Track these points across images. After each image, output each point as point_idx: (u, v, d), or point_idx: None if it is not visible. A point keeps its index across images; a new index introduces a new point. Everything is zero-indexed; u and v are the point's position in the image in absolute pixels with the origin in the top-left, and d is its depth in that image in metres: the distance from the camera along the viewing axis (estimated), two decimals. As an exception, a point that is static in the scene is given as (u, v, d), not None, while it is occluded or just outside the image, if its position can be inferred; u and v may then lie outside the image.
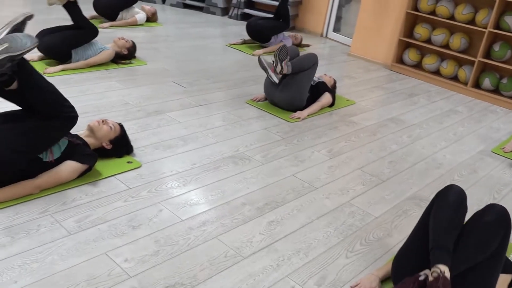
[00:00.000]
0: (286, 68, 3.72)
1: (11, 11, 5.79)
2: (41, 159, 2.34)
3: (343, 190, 2.86)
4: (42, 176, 2.34)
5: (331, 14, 7.00)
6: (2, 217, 2.14)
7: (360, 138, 3.69)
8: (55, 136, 2.36)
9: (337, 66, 5.70)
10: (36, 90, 2.21)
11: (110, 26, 5.74)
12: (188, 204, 2.48)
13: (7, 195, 2.23)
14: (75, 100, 3.53)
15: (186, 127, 3.39)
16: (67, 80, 3.90)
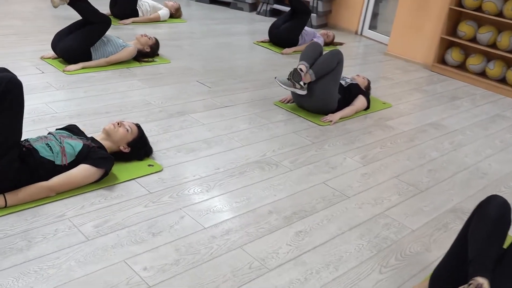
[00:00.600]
0: (308, 78, 3.71)
1: (34, 6, 5.96)
2: (53, 162, 2.40)
3: (377, 200, 2.84)
4: (56, 179, 2.39)
5: (367, 10, 6.96)
6: (20, 220, 2.21)
7: (396, 144, 3.65)
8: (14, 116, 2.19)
9: (372, 66, 5.66)
10: None
11: (132, 22, 5.85)
12: (211, 211, 2.50)
13: (22, 197, 2.29)
14: (96, 99, 3.61)
15: (210, 129, 3.43)
16: (88, 78, 3.99)
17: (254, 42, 5.89)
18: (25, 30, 4.97)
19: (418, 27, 5.91)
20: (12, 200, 2.25)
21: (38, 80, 3.80)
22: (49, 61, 4.21)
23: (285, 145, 3.36)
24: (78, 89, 3.76)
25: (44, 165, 2.36)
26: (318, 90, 3.78)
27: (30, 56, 4.28)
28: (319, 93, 3.79)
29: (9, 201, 2.25)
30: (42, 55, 4.29)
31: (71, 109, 3.41)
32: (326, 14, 7.23)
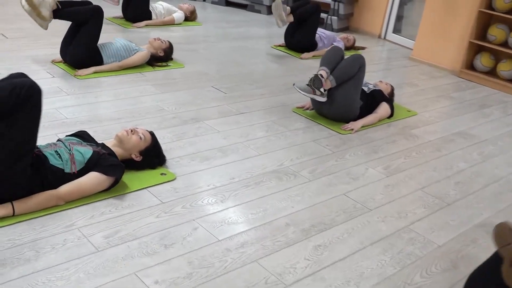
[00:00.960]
0: (329, 84, 3.70)
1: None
2: (62, 170, 2.42)
3: (401, 213, 2.81)
4: (65, 187, 2.41)
5: (391, 13, 6.94)
6: (28, 230, 2.23)
7: (422, 154, 3.62)
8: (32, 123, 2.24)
9: (396, 72, 5.63)
10: None
11: (146, 26, 5.91)
12: (225, 223, 2.50)
13: (30, 206, 2.31)
14: (108, 105, 3.65)
15: (225, 137, 3.44)
16: (99, 83, 4.03)
17: (271, 46, 5.91)
18: (35, 33, 5.05)
19: (446, 30, 5.87)
20: (20, 208, 2.28)
21: (48, 84, 3.86)
22: (60, 65, 4.27)
23: (303, 154, 3.35)
24: (89, 94, 3.81)
25: (53, 173, 2.38)
26: (339, 97, 3.77)
27: (41, 59, 4.35)
28: (340, 99, 3.78)
29: (17, 209, 2.27)
30: (53, 59, 4.35)
31: (81, 114, 3.45)
32: (347, 17, 7.23)
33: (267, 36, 6.39)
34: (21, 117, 2.18)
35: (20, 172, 2.25)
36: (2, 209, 2.25)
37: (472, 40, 5.53)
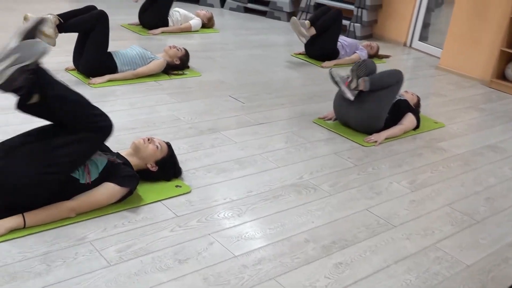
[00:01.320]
0: (363, 84, 3.70)
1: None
2: (78, 180, 2.45)
3: (427, 231, 2.79)
4: (77, 198, 2.44)
5: (417, 20, 6.92)
6: (40, 242, 2.26)
7: (449, 168, 3.59)
8: (87, 151, 2.42)
9: (422, 82, 5.60)
10: (59, 100, 2.29)
11: (162, 33, 5.98)
12: (242, 238, 2.50)
13: (41, 218, 2.35)
14: (123, 114, 3.69)
15: (243, 148, 3.45)
16: (114, 91, 4.09)
17: (291, 54, 5.93)
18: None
19: (475, 38, 5.83)
20: (31, 220, 2.31)
21: (62, 93, 3.92)
22: (73, 73, 4.34)
23: (324, 167, 3.35)
24: (104, 103, 3.86)
25: (68, 183, 2.42)
26: (368, 104, 3.77)
27: (55, 67, 4.42)
28: (369, 107, 3.77)
29: (28, 221, 2.31)
30: (66, 66, 4.43)
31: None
32: (371, 24, 7.23)
33: (287, 44, 6.42)
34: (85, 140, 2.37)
35: (48, 184, 2.30)
36: (13, 220, 2.28)
37: (503, 49, 5.48)
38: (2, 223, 2.26)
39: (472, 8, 5.80)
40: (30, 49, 2.13)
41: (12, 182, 2.24)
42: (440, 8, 7.09)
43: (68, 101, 2.31)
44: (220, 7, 7.94)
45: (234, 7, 7.87)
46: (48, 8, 6.44)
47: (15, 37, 2.16)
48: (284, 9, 7.58)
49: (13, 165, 2.26)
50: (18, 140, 2.38)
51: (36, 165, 2.26)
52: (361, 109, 3.81)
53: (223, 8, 7.95)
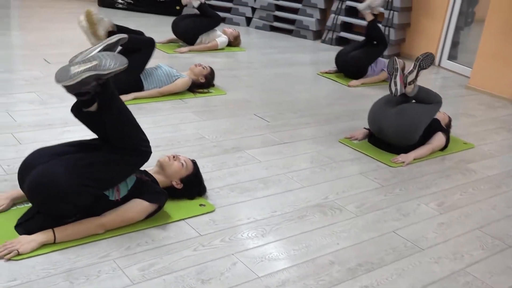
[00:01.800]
0: (411, 88, 3.76)
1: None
2: (107, 197, 2.49)
3: (456, 254, 2.74)
4: (108, 215, 2.47)
5: (446, 38, 6.88)
6: (63, 259, 2.29)
7: (479, 190, 3.53)
8: (126, 172, 2.51)
9: (451, 101, 5.55)
10: (115, 116, 2.40)
11: (189, 51, 6.07)
12: (266, 259, 2.49)
13: (71, 233, 2.38)
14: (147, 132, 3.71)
15: (268, 167, 3.45)
16: (139, 109, 4.15)
17: (318, 73, 5.94)
18: (77, 58, 5.26)
19: (506, 57, 5.76)
20: (61, 235, 2.35)
21: (88, 110, 3.98)
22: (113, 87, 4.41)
23: (350, 187, 3.32)
24: (129, 120, 3.91)
25: (98, 200, 2.45)
26: (409, 112, 3.78)
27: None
28: (409, 115, 3.77)
29: (58, 236, 2.34)
30: (93, 84, 4.51)
31: (120, 141, 3.54)
32: (399, 43, 7.21)
33: (313, 63, 6.44)
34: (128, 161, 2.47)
35: (84, 196, 2.35)
36: (44, 235, 2.32)
37: (535, 68, 5.41)
38: (34, 238, 2.30)
39: (503, 27, 5.74)
40: (110, 60, 2.25)
41: (52, 186, 2.28)
42: (469, 27, 7.03)
43: (123, 119, 2.43)
44: (246, 26, 8.02)
45: (260, 25, 7.94)
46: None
47: (99, 45, 2.31)
48: (310, 28, 7.62)
49: (57, 170, 2.30)
50: (60, 148, 2.46)
51: (78, 175, 2.32)
52: (401, 118, 3.78)
53: (249, 26, 8.03)
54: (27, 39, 5.83)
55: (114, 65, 2.26)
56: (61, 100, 4.09)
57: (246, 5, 7.97)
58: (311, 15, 7.61)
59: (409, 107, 3.81)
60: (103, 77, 2.26)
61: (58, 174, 2.28)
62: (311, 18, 7.61)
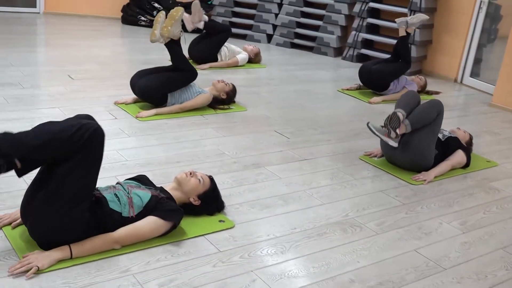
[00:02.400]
0: (404, 128, 3.66)
1: (112, 51, 6.43)
2: (120, 213, 2.50)
3: (479, 275, 2.68)
4: (122, 231, 2.48)
5: (468, 56, 6.83)
6: (83, 273, 2.30)
7: (503, 209, 3.47)
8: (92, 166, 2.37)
9: (474, 119, 5.49)
10: (34, 152, 2.24)
11: (209, 68, 6.12)
12: (285, 276, 2.48)
13: (86, 249, 2.39)
14: (168, 148, 3.77)
15: (288, 184, 3.45)
16: (160, 125, 4.19)
17: (338, 89, 5.94)
18: (101, 75, 5.35)
19: (530, 75, 5.69)
20: (77, 251, 2.37)
21: (110, 126, 4.04)
22: (122, 107, 4.48)
23: (371, 205, 3.30)
24: (150, 136, 3.95)
25: (111, 216, 2.47)
26: (413, 144, 3.71)
27: (105, 101, 4.59)
28: (414, 147, 3.72)
29: (75, 252, 2.36)
30: (116, 100, 4.58)
31: (141, 157, 3.57)
32: (420, 60, 7.18)
33: (333, 79, 6.44)
34: (81, 159, 2.30)
35: (77, 217, 2.34)
36: (60, 251, 2.34)
37: (560, 86, 5.33)
38: (50, 254, 2.32)
39: (527, 44, 5.69)
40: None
41: (46, 231, 2.32)
42: (492, 44, 6.97)
43: (41, 147, 2.24)
44: (267, 43, 8.07)
45: (281, 42, 7.98)
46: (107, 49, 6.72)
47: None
48: (331, 45, 7.63)
49: (39, 215, 2.30)
50: (30, 192, 2.39)
51: (56, 209, 2.29)
52: (407, 151, 3.74)
53: (270, 43, 8.07)
54: (52, 55, 5.95)
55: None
56: (84, 115, 4.15)
57: (267, 22, 8.03)
58: (332, 32, 7.63)
59: (410, 139, 3.71)
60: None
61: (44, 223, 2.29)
62: (332, 35, 7.63)
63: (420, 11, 6.79)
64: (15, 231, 2.53)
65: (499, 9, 6.74)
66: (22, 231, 2.52)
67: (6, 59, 5.46)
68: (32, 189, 2.38)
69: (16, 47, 6.00)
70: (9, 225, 2.56)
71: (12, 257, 2.35)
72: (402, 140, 3.74)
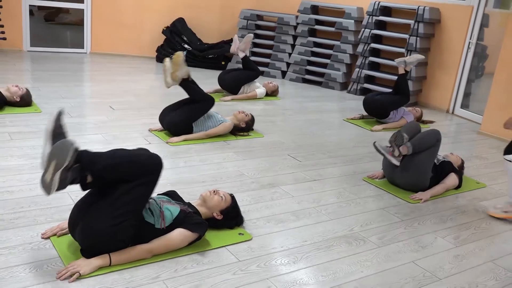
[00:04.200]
0: (405, 150, 3.64)
1: (147, 85, 6.50)
2: (153, 225, 2.50)
3: (471, 285, 2.61)
4: (154, 242, 2.48)
5: (459, 89, 6.78)
6: (119, 279, 2.30)
7: (492, 225, 3.39)
8: (147, 192, 2.40)
9: (465, 145, 5.41)
10: (107, 171, 2.28)
11: (231, 100, 6.15)
12: (297, 283, 2.44)
13: (124, 258, 2.39)
14: (194, 169, 3.77)
15: (299, 202, 3.42)
16: (188, 150, 4.20)
17: (344, 119, 5.92)
18: (138, 105, 5.41)
19: (514, 106, 5.62)
20: (116, 260, 2.37)
21: (145, 150, 4.06)
22: (155, 133, 4.51)
23: (373, 221, 3.25)
24: (179, 159, 3.97)
25: (146, 228, 2.47)
26: (413, 165, 3.68)
27: (140, 128, 4.63)
28: (414, 168, 3.68)
29: (113, 261, 2.36)
30: (150, 127, 4.61)
31: (172, 177, 3.58)
32: (416, 93, 7.14)
33: (340, 110, 6.43)
34: (141, 183, 2.35)
35: (125, 230, 2.35)
36: (101, 259, 2.34)
37: (542, 116, 5.24)
38: (92, 262, 2.32)
39: (510, 79, 5.63)
40: (62, 150, 2.14)
41: (95, 239, 2.32)
42: (480, 79, 6.91)
43: (113, 167, 2.29)
44: (281, 78, 8.10)
45: (293, 78, 8.01)
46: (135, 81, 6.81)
47: (47, 142, 2.20)
48: (338, 80, 7.64)
49: (90, 225, 2.30)
50: (82, 206, 2.40)
51: (107, 219, 2.30)
52: (407, 172, 3.71)
53: (284, 79, 8.11)
54: (96, 89, 6.04)
55: (68, 153, 2.15)
56: (122, 140, 4.19)
57: (282, 61, 8.08)
58: (338, 69, 7.64)
59: (410, 161, 3.69)
60: (68, 166, 2.15)
61: (94, 229, 2.29)
62: (338, 71, 7.64)
63: (415, 51, 6.78)
64: (61, 240, 2.54)
65: (485, 49, 6.70)
66: (67, 241, 2.52)
67: (57, 92, 5.56)
68: (86, 202, 2.39)
69: (66, 82, 6.11)
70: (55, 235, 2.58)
71: (58, 264, 2.36)
72: (402, 161, 3.71)
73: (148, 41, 8.42)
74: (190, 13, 8.46)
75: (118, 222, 2.31)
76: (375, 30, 7.21)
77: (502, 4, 6.50)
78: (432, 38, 7.00)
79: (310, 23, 7.77)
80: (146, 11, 8.31)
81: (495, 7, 6.51)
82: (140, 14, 8.30)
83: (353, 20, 7.42)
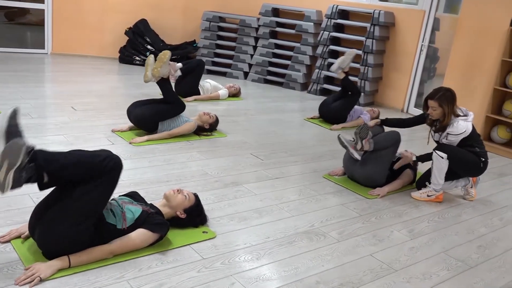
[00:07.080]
0: (367, 145, 3.72)
1: (110, 86, 6.38)
2: (115, 225, 2.46)
3: (425, 275, 2.69)
4: (115, 242, 2.44)
5: (412, 90, 6.97)
6: (84, 280, 2.24)
7: (444, 219, 3.50)
8: (107, 191, 2.36)
9: (419, 143, 5.57)
10: (63, 170, 2.22)
11: (194, 100, 6.11)
12: (260, 279, 2.45)
13: (83, 259, 2.34)
14: (159, 169, 3.73)
15: (262, 199, 3.43)
16: (152, 150, 4.15)
17: (304, 118, 5.98)
18: (101, 106, 5.29)
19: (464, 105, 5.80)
20: (75, 261, 2.31)
21: (108, 150, 3.98)
22: (118, 134, 4.43)
23: (333, 216, 3.30)
24: (143, 159, 3.91)
25: (107, 229, 2.42)
26: (372, 162, 3.77)
27: (103, 129, 4.53)
28: (372, 164, 3.77)
29: (73, 262, 2.30)
30: (113, 128, 4.53)
31: (136, 177, 3.52)
32: (372, 93, 7.29)
33: (300, 110, 6.49)
34: (100, 184, 2.29)
35: (84, 231, 2.30)
36: (60, 261, 2.28)
37: (488, 115, 5.46)
38: (51, 264, 2.26)
39: (461, 79, 5.83)
40: (14, 150, 2.06)
41: (54, 242, 2.27)
42: (431, 80, 7.12)
43: (70, 166, 2.23)
44: (244, 79, 8.10)
45: (255, 78, 8.03)
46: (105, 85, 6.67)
47: (0, 142, 2.10)
48: (298, 81, 7.71)
49: (49, 227, 2.25)
50: (42, 207, 2.34)
51: (66, 220, 2.25)
52: (366, 167, 3.80)
53: (246, 79, 8.11)
54: (58, 90, 5.87)
55: (20, 152, 2.06)
56: (84, 141, 4.09)
57: (244, 62, 8.08)
58: (299, 70, 7.71)
59: (369, 158, 3.79)
60: (21, 165, 2.07)
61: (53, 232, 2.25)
62: (299, 72, 7.71)
63: (372, 53, 6.92)
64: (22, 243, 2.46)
65: (436, 51, 6.91)
66: (28, 243, 2.45)
67: (16, 93, 5.37)
68: (45, 205, 2.32)
69: (26, 83, 5.91)
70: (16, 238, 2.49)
71: (19, 267, 2.28)
72: (363, 157, 3.79)
73: (110, 42, 8.25)
74: (153, 14, 8.34)
75: (78, 223, 2.26)
76: (334, 32, 7.31)
77: (452, 9, 6.73)
78: (387, 41, 7.16)
79: (271, 25, 7.81)
80: (108, 12, 8.14)
81: (445, 11, 6.74)
82: (103, 15, 8.13)
83: (313, 23, 7.50)
